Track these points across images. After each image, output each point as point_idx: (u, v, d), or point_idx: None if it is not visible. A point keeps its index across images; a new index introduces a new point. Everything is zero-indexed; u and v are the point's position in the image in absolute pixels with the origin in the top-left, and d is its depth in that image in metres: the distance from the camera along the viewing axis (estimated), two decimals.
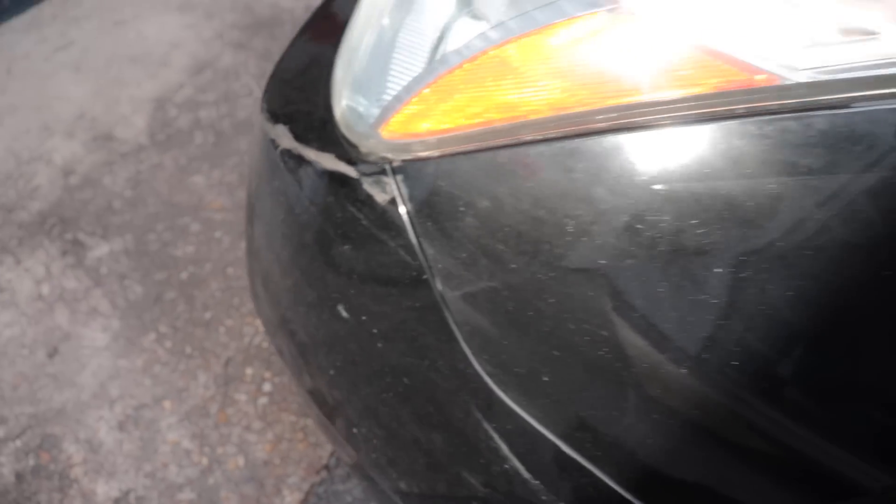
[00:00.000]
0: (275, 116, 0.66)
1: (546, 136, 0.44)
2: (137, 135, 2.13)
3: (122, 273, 1.72)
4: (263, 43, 2.54)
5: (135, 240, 1.80)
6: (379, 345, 0.57)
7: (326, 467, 1.38)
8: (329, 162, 0.57)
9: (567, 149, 0.43)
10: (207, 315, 1.63)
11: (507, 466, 0.52)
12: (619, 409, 0.44)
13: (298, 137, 0.62)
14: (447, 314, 0.50)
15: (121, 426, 1.44)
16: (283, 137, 0.64)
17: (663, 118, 0.39)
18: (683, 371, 0.42)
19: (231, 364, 1.54)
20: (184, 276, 1.72)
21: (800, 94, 0.36)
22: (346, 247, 0.57)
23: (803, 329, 0.37)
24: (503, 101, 0.46)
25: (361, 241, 0.55)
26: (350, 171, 0.56)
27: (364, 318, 0.57)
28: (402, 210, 0.51)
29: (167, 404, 1.48)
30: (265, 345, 1.57)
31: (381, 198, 0.53)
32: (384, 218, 0.53)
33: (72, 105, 2.24)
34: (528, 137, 0.44)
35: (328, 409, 0.69)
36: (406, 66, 0.53)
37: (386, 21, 0.55)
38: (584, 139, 0.42)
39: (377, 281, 0.55)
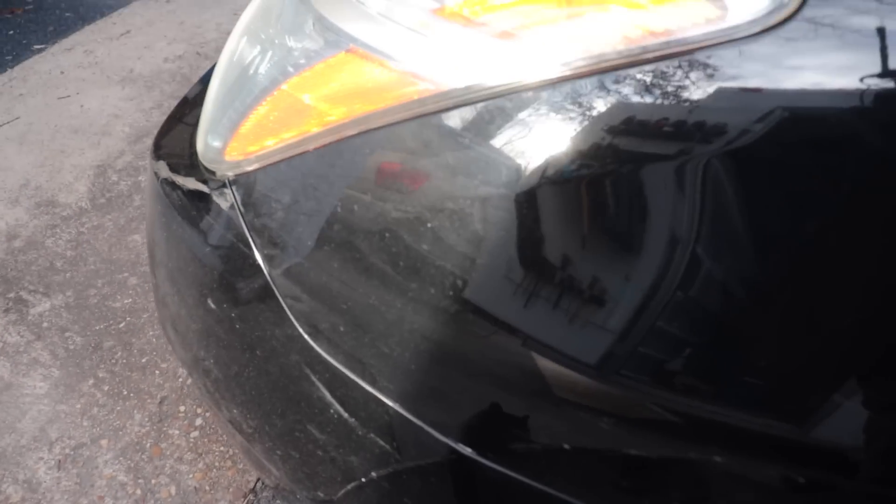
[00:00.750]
0: (158, 155, 0.82)
1: (323, 144, 0.60)
2: (79, 199, 2.26)
3: (62, 326, 1.83)
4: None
5: (75, 295, 1.92)
6: (237, 326, 0.71)
7: (253, 490, 1.48)
8: (191, 183, 0.73)
9: (336, 150, 0.59)
10: (144, 360, 1.75)
11: (332, 412, 0.66)
12: (395, 344, 0.59)
13: (172, 168, 0.78)
14: (274, 289, 0.65)
15: (59, 465, 1.54)
16: (162, 170, 0.79)
17: (393, 121, 0.56)
18: (437, 304, 0.57)
19: (165, 402, 1.65)
20: (122, 325, 1.83)
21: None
22: (208, 249, 0.72)
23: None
24: (294, 122, 0.63)
25: (216, 241, 0.71)
26: (204, 188, 0.71)
27: (225, 305, 0.72)
28: (237, 211, 0.67)
29: (104, 443, 1.58)
30: None
31: (224, 205, 0.68)
32: (228, 221, 0.68)
33: (16, 175, 2.37)
34: (312, 147, 0.61)
35: (245, 432, 0.82)
36: (235, 106, 0.70)
37: (230, 64, 0.72)
38: (345, 142, 0.58)
39: (230, 272, 0.70)
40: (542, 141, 0.51)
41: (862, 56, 0.44)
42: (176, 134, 0.84)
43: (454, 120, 0.53)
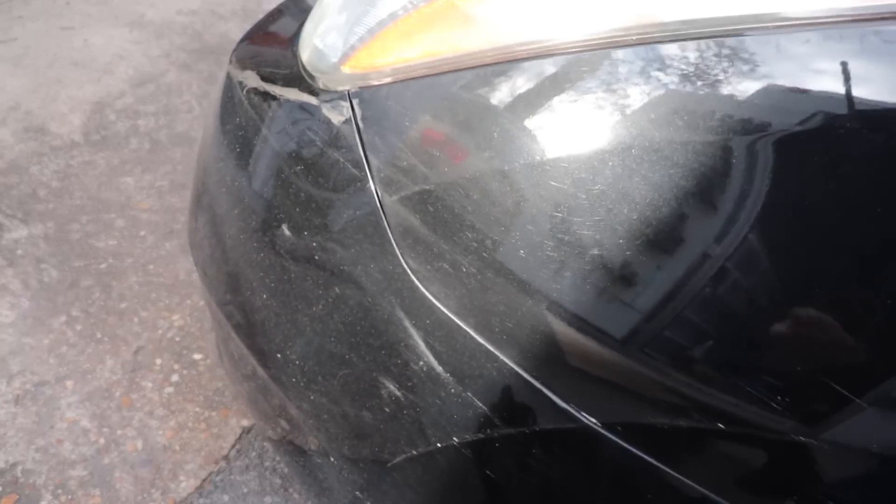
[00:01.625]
0: (243, 64, 0.75)
1: (482, 63, 0.54)
2: (72, 132, 2.14)
3: (38, 257, 1.71)
4: (209, 67, 2.62)
5: (56, 227, 1.80)
6: (317, 257, 0.65)
7: (226, 458, 1.39)
8: (293, 94, 0.66)
9: (496, 72, 0.53)
10: (123, 305, 1.64)
11: (422, 363, 0.60)
12: (523, 294, 0.53)
13: (265, 78, 0.71)
14: (383, 218, 0.58)
15: (17, 400, 1.42)
16: (250, 79, 0.72)
17: (573, 48, 0.51)
18: (586, 269, 0.51)
19: (141, 353, 1.54)
20: (103, 266, 1.73)
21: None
22: (299, 167, 0.65)
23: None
24: (451, 37, 0.57)
25: (313, 160, 0.64)
26: (312, 99, 0.64)
27: (306, 232, 0.65)
28: (354, 128, 0.60)
29: (69, 384, 1.46)
30: (178, 338, 1.58)
31: (336, 119, 0.62)
32: (337, 137, 0.62)
33: (6, 96, 2.24)
34: (467, 65, 0.55)
35: (280, 377, 0.74)
36: (371, 13, 0.64)
37: None
38: (511, 64, 0.53)
39: (323, 195, 0.63)
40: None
41: None
42: (265, 42, 0.76)
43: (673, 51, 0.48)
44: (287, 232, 0.67)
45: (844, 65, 0.46)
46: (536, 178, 0.51)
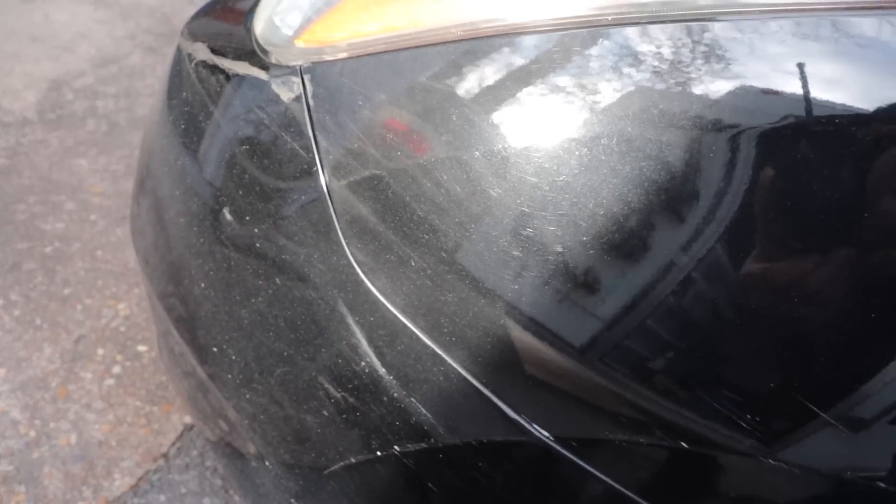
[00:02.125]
0: (194, 35, 0.70)
1: (444, 40, 0.50)
2: (25, 109, 2.05)
3: None
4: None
5: (1, 207, 1.72)
6: (258, 245, 0.60)
7: (165, 456, 1.33)
8: (242, 68, 0.61)
9: (459, 50, 0.49)
10: (66, 291, 1.56)
11: (364, 364, 0.55)
12: (476, 293, 0.49)
13: (215, 51, 0.66)
14: (330, 205, 0.54)
15: None
16: (200, 51, 0.67)
17: (539, 28, 0.47)
18: (535, 276, 0.47)
19: (82, 342, 1.47)
20: (48, 249, 1.65)
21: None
22: (244, 147, 0.60)
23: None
24: (412, 11, 0.53)
25: (259, 140, 0.59)
26: (262, 74, 0.60)
27: (248, 218, 0.60)
28: (304, 105, 0.55)
29: (2, 372, 1.39)
30: (123, 328, 1.51)
31: (286, 96, 0.57)
32: (286, 115, 0.57)
33: None
34: (429, 41, 0.51)
35: (219, 375, 0.69)
36: None
37: None
38: (475, 42, 0.49)
39: (268, 178, 0.58)
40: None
41: None
42: (222, 17, 0.71)
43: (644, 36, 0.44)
44: (229, 217, 0.62)
45: (815, 62, 0.42)
46: (498, 168, 0.47)
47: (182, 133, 0.67)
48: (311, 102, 0.55)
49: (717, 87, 0.43)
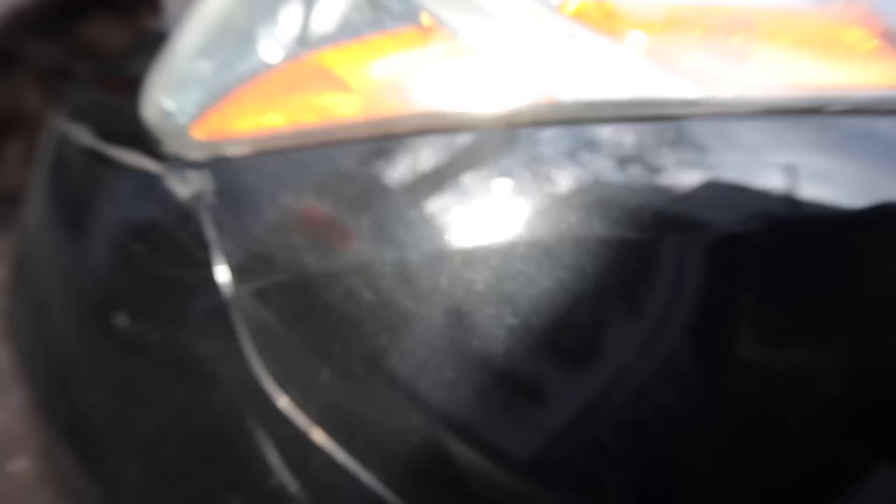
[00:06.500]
0: (77, 115, 0.64)
1: (354, 138, 0.47)
2: None
3: None
4: None
5: None
6: (158, 353, 0.55)
7: None
8: (132, 159, 0.56)
9: (371, 150, 0.46)
10: None
11: (274, 481, 0.51)
12: (394, 410, 0.46)
13: (100, 135, 0.61)
14: (234, 312, 0.49)
15: None
16: (83, 135, 0.61)
17: (460, 126, 0.44)
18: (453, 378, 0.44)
19: None
20: None
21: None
22: (137, 246, 0.55)
23: None
24: (318, 104, 0.50)
25: (154, 239, 0.54)
26: (154, 167, 0.55)
27: (146, 323, 0.55)
28: (203, 205, 0.51)
29: None
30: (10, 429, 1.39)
31: (182, 193, 0.52)
32: (181, 214, 0.52)
33: None
34: (338, 138, 0.48)
35: (107, 484, 0.63)
36: (227, 67, 0.55)
37: (224, 14, 0.58)
38: (389, 142, 0.46)
39: (166, 282, 0.53)
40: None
41: None
42: (101, 95, 0.66)
43: (556, 142, 0.42)
44: (121, 322, 0.56)
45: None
46: (415, 273, 0.44)
47: (66, 227, 0.61)
48: (210, 202, 0.51)
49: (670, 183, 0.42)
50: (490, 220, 0.45)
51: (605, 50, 0.44)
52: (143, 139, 0.57)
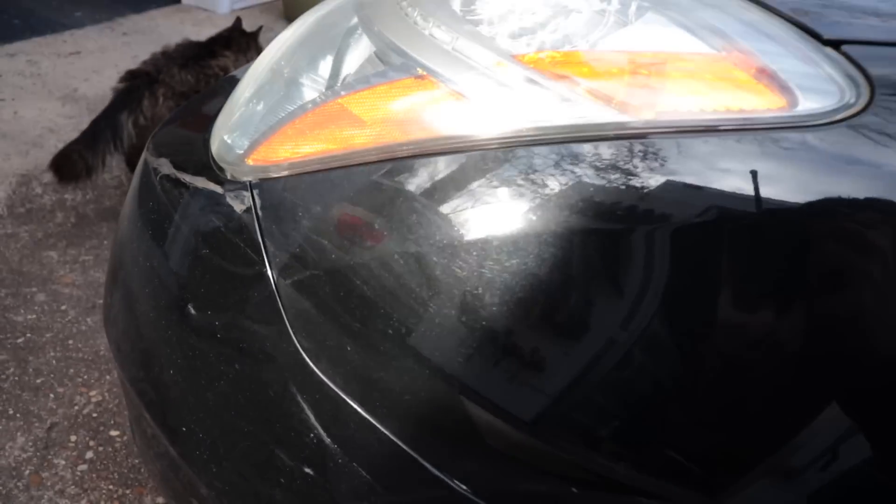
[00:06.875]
0: (159, 151, 0.80)
1: (368, 161, 0.61)
2: None
3: None
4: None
5: None
6: (219, 335, 0.69)
7: None
8: (201, 182, 0.72)
9: (381, 169, 0.60)
10: (38, 380, 1.62)
11: (312, 435, 0.64)
12: (402, 370, 0.58)
13: (177, 166, 0.76)
14: (278, 300, 0.63)
15: None
16: (164, 166, 0.77)
17: (447, 149, 0.58)
18: (457, 353, 0.57)
19: (55, 429, 1.52)
20: (20, 340, 1.70)
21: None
22: (205, 251, 0.70)
23: None
24: (341, 136, 0.64)
25: (218, 245, 0.69)
26: (217, 188, 0.70)
27: (210, 312, 0.69)
28: (254, 216, 0.65)
29: None
30: (95, 415, 1.57)
31: (238, 207, 0.67)
32: (238, 223, 0.67)
33: None
34: (356, 161, 0.62)
35: (183, 444, 0.77)
36: (272, 112, 0.70)
37: (273, 70, 0.73)
38: (395, 163, 0.60)
39: (226, 278, 0.68)
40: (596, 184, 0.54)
41: None
42: (179, 133, 0.82)
43: (521, 160, 0.56)
44: (193, 311, 0.71)
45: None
46: (419, 264, 0.57)
47: (150, 237, 0.77)
48: (260, 213, 0.65)
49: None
50: (479, 219, 0.57)
51: (555, 89, 0.57)
52: (208, 168, 0.73)
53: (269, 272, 0.64)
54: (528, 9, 0.63)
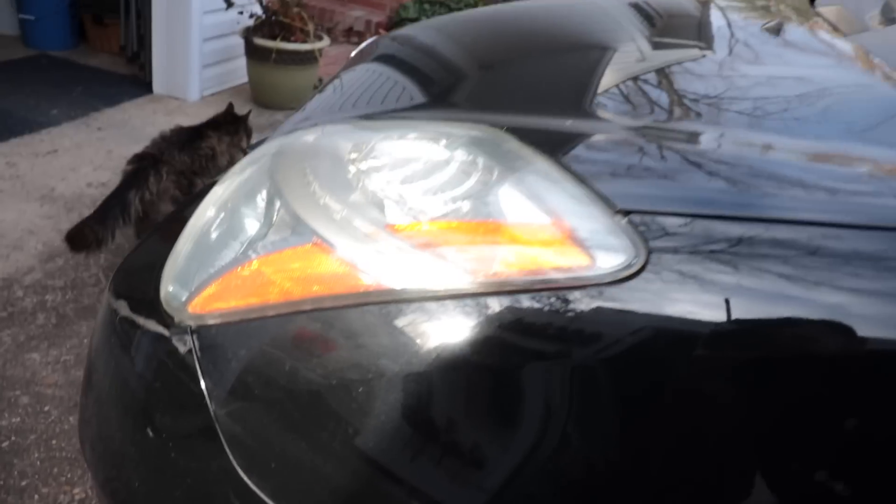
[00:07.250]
0: (118, 294, 0.95)
1: (279, 313, 0.76)
2: None
3: None
4: (116, 239, 2.78)
5: None
6: (172, 455, 0.82)
7: None
8: (152, 326, 0.86)
9: (289, 322, 0.75)
10: (23, 482, 1.72)
11: None
12: (318, 482, 0.72)
13: (133, 309, 0.91)
14: (217, 426, 0.77)
15: None
16: (123, 309, 0.92)
17: (342, 305, 0.73)
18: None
19: None
20: (5, 444, 1.81)
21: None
22: (157, 384, 0.84)
23: None
24: (257, 293, 0.79)
25: (167, 379, 0.83)
26: (165, 331, 0.84)
27: (164, 434, 0.83)
28: (195, 357, 0.80)
29: None
30: None
31: (182, 349, 0.81)
32: (183, 363, 0.81)
33: None
34: (271, 314, 0.77)
35: None
36: (205, 267, 0.85)
37: (204, 229, 0.88)
38: (298, 316, 0.75)
39: (175, 407, 0.82)
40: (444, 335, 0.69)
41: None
42: (135, 277, 0.97)
43: (390, 312, 0.71)
44: (150, 432, 0.84)
45: None
46: (307, 400, 0.71)
47: (115, 366, 0.91)
48: (199, 355, 0.79)
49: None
50: (361, 363, 0.72)
51: (416, 257, 0.73)
52: (158, 312, 0.87)
53: (209, 404, 0.78)
54: (408, 177, 0.79)
